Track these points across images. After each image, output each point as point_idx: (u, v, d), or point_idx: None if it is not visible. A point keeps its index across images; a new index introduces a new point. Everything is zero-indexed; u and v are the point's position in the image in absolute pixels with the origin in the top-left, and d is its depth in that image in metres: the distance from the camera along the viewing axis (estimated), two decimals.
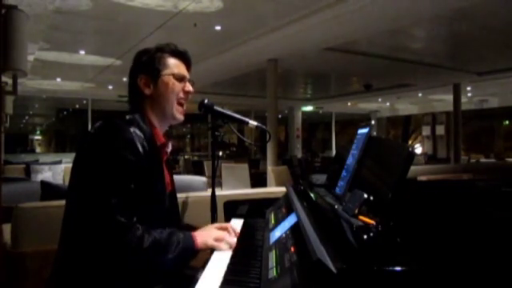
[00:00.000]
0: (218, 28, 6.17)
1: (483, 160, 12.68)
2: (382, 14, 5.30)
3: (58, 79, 10.25)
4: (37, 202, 2.30)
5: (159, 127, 1.36)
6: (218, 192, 1.75)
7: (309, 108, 15.91)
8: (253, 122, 1.60)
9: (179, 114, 1.38)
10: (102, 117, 1.25)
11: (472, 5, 5.00)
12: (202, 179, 3.03)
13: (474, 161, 12.03)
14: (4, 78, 2.32)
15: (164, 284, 1.18)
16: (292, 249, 0.95)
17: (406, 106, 16.80)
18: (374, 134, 10.55)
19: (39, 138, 20.75)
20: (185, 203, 2.17)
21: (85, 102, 12.80)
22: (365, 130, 1.31)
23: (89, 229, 1.10)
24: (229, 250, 1.22)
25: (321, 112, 16.93)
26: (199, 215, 1.85)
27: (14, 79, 2.43)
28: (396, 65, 8.50)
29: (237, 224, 1.48)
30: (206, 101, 1.55)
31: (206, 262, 1.14)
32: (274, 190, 3.03)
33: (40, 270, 1.72)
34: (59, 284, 1.17)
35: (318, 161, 13.33)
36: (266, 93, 8.10)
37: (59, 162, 7.37)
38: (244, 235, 1.35)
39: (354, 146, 1.34)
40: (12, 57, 2.23)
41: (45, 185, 2.68)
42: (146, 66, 1.34)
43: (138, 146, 1.19)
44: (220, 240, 1.25)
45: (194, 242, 1.20)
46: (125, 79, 1.44)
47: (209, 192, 1.75)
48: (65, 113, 17.16)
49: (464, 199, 1.26)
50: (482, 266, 0.71)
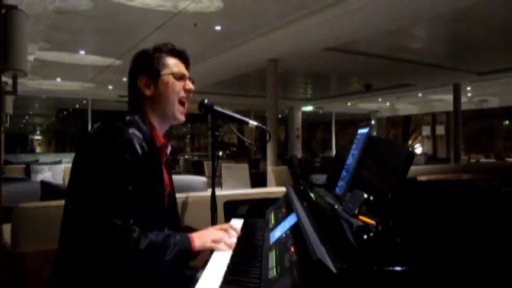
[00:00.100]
0: (217, 28, 6.17)
1: (483, 160, 12.68)
2: (382, 13, 5.30)
3: (58, 79, 10.26)
4: (37, 202, 2.30)
5: (159, 128, 1.36)
6: (218, 192, 1.74)
7: (309, 108, 15.91)
8: (253, 122, 1.60)
9: (180, 115, 1.37)
10: (102, 117, 1.25)
11: (472, 5, 5.00)
12: (202, 179, 3.03)
13: (473, 161, 12.01)
14: (4, 78, 2.31)
15: (164, 284, 1.18)
16: (292, 249, 0.95)
17: (405, 105, 16.81)
18: (374, 133, 10.54)
19: (39, 138, 20.75)
20: (185, 203, 2.16)
21: (85, 102, 12.81)
22: (365, 130, 1.31)
23: (86, 230, 1.10)
24: (228, 251, 1.22)
25: (321, 112, 16.92)
26: (199, 215, 1.85)
27: (14, 79, 2.42)
28: (396, 65, 8.50)
29: (237, 224, 1.48)
30: (205, 101, 1.55)
31: (206, 262, 1.14)
32: (274, 190, 3.02)
33: (40, 270, 1.72)
34: (59, 284, 1.17)
35: (318, 161, 13.30)
36: (266, 93, 8.09)
37: (59, 162, 7.36)
38: (244, 235, 1.35)
39: (353, 146, 1.34)
40: (12, 57, 2.22)
41: (45, 185, 2.68)
42: (145, 66, 1.34)
43: (137, 147, 1.19)
44: (218, 241, 1.24)
45: (191, 243, 1.20)
46: (125, 79, 1.44)
47: (209, 192, 1.75)
48: (65, 113, 17.17)
49: (464, 199, 1.26)
50: (482, 266, 0.71)
